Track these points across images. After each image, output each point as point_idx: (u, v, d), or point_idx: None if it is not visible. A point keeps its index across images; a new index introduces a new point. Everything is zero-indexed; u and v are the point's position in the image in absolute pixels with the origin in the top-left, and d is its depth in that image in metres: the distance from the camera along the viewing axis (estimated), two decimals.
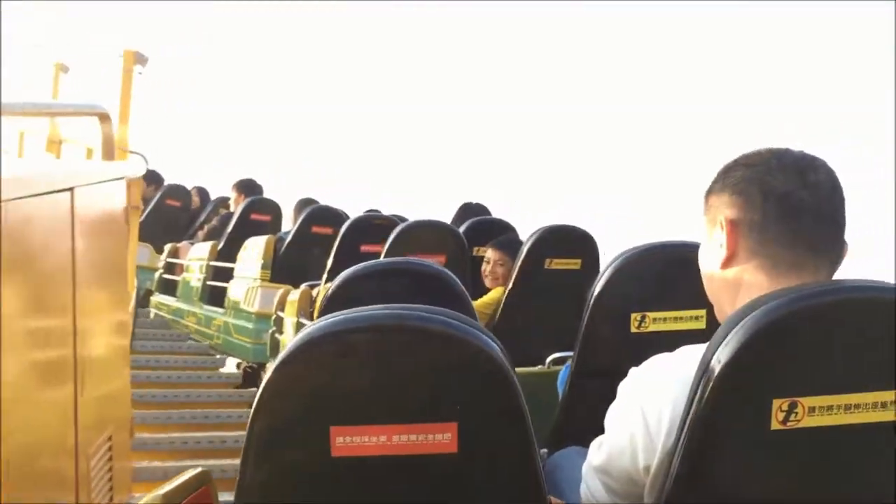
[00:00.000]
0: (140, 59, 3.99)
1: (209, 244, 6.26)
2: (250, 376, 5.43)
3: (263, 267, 5.41)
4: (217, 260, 6.06)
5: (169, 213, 7.55)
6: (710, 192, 1.26)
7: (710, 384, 1.03)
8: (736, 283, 1.20)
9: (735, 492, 1.06)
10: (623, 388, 1.29)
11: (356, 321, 1.08)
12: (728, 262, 1.21)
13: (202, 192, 8.18)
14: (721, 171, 1.25)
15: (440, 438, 1.06)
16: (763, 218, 1.16)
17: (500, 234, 4.22)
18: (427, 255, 3.42)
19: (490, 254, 3.80)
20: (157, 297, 6.86)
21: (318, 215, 5.38)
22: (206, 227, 7.21)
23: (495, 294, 3.76)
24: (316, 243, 5.16)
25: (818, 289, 1.04)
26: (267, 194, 6.78)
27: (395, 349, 1.08)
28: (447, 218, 5.02)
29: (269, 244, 5.43)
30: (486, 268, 3.84)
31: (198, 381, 5.00)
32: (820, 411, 1.02)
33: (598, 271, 3.79)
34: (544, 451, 2.00)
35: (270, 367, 1.10)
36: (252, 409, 1.09)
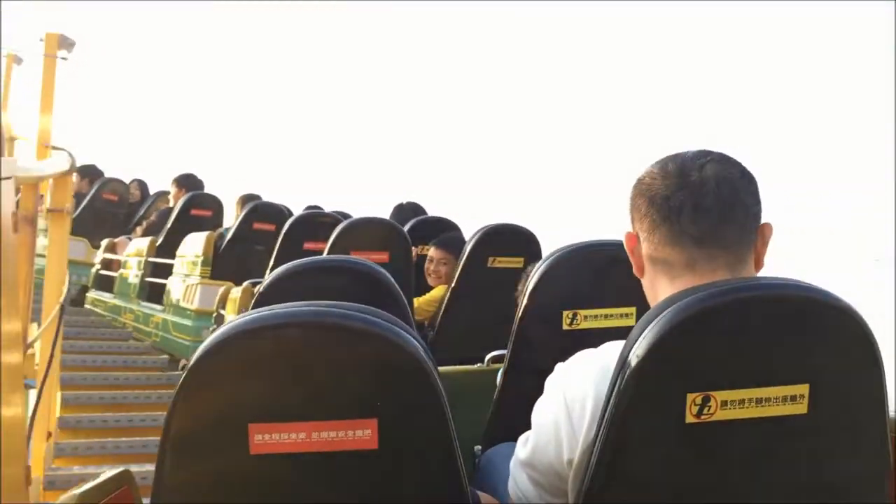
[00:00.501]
0: (65, 43, 3.62)
1: (148, 240, 6.13)
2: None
3: (203, 264, 5.31)
4: (156, 256, 5.94)
5: (105, 208, 7.36)
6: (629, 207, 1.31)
7: (627, 379, 1.05)
8: (650, 288, 1.26)
9: (652, 484, 1.08)
10: (549, 382, 1.31)
11: (272, 318, 1.07)
12: (640, 272, 1.28)
13: (142, 186, 8.01)
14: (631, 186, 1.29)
15: (360, 435, 1.06)
16: (651, 225, 1.21)
17: (444, 232, 4.22)
18: (370, 252, 3.40)
19: (433, 252, 3.80)
20: (93, 294, 6.70)
21: (261, 211, 5.31)
22: (144, 223, 7.08)
23: (438, 292, 3.76)
24: (258, 240, 5.09)
25: (729, 286, 1.06)
26: (208, 190, 6.68)
27: (313, 346, 1.07)
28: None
29: (209, 240, 5.33)
30: (429, 266, 3.84)
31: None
32: (732, 405, 1.04)
33: None
34: (478, 447, 2.01)
35: (188, 365, 1.08)
36: (169, 407, 1.07)
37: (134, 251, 6.25)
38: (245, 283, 4.28)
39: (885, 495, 1.11)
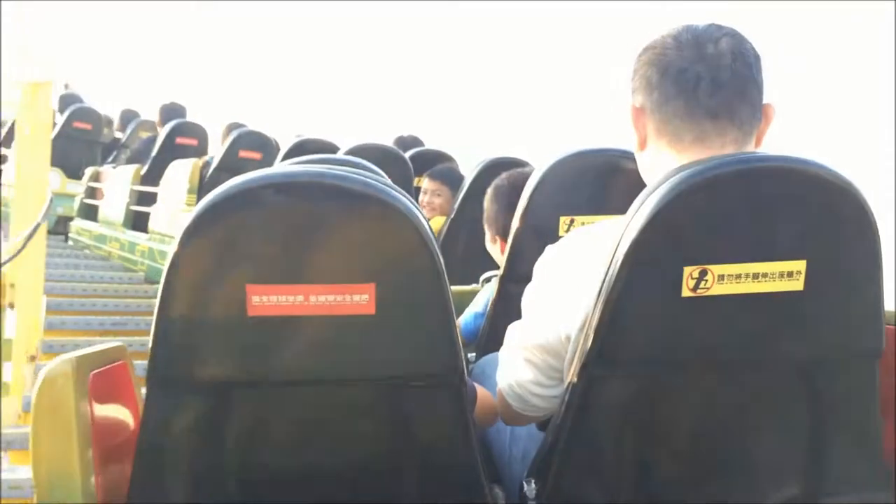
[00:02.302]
0: None
1: (132, 168, 6.08)
2: None
3: (189, 191, 5.27)
4: (141, 184, 5.90)
5: (78, 136, 7.26)
6: (630, 80, 1.28)
7: (624, 253, 1.05)
8: (652, 164, 1.24)
9: (647, 359, 1.09)
10: (539, 263, 1.31)
11: (269, 178, 1.07)
12: (642, 146, 1.25)
13: (126, 115, 7.92)
14: (635, 58, 1.27)
15: (357, 300, 1.06)
16: (662, 97, 1.18)
17: (441, 164, 4.20)
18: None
19: (426, 184, 3.80)
20: (77, 223, 6.65)
21: (246, 140, 5.29)
22: (128, 151, 7.02)
23: (435, 224, 3.75)
24: (244, 168, 5.07)
25: (726, 159, 1.06)
26: (192, 118, 6.62)
27: (311, 207, 1.06)
28: None
29: (195, 168, 5.29)
30: (423, 198, 3.83)
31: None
32: (729, 279, 1.04)
33: None
34: (472, 355, 2.02)
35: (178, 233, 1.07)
36: (162, 279, 1.07)
37: (118, 180, 6.21)
38: None
39: (874, 379, 1.12)
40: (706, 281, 1.04)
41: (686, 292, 1.04)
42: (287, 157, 3.95)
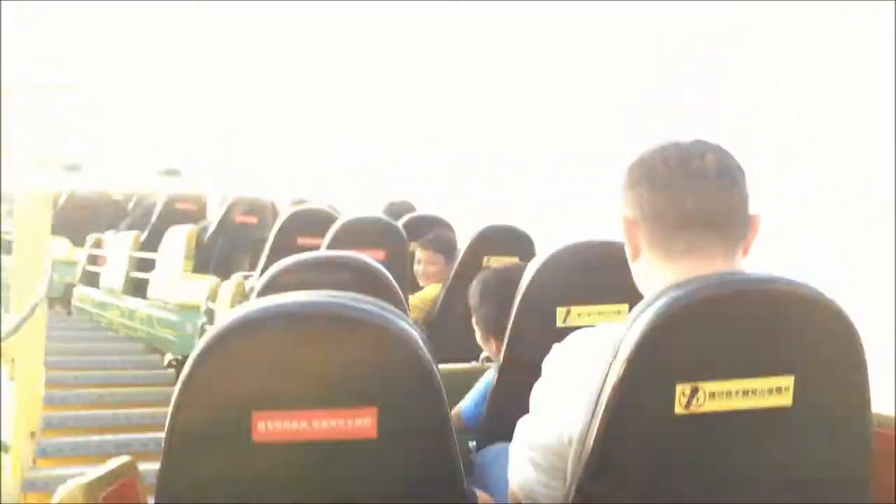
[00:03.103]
0: None
1: (132, 234, 6.15)
2: (178, 370, 5.35)
3: (186, 257, 5.33)
4: (140, 250, 5.95)
5: (87, 203, 7.35)
6: (621, 193, 1.33)
7: (618, 368, 1.09)
8: (645, 274, 1.28)
9: (642, 474, 1.11)
10: (546, 362, 1.34)
11: (271, 310, 1.11)
12: (635, 256, 1.30)
13: None
14: (623, 172, 1.32)
15: (360, 423, 1.09)
16: (652, 210, 1.23)
17: (436, 230, 4.25)
18: (367, 249, 3.43)
19: (419, 253, 3.84)
20: (80, 290, 6.70)
21: (243, 204, 5.35)
22: (129, 218, 7.10)
23: (431, 291, 3.79)
24: (240, 233, 5.13)
25: (719, 279, 1.10)
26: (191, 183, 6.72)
27: (312, 336, 1.10)
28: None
29: (191, 234, 5.36)
30: (417, 267, 3.87)
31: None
32: (719, 396, 1.07)
33: None
34: (473, 443, 2.04)
35: (189, 359, 1.11)
36: (172, 402, 1.10)
37: (119, 246, 6.26)
38: (235, 276, 4.31)
39: (867, 491, 1.14)
40: (698, 398, 1.07)
41: (679, 409, 1.07)
42: (283, 228, 4.00)
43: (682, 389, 1.07)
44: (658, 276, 1.23)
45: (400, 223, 4.12)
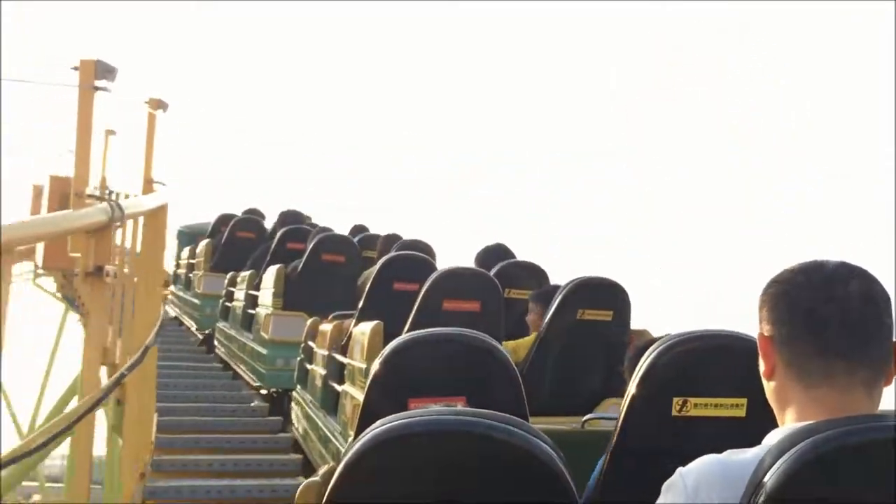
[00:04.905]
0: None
1: (249, 273, 6.44)
2: (274, 401, 5.56)
3: (275, 295, 5.56)
4: (255, 289, 6.21)
5: (240, 244, 7.62)
6: (759, 308, 1.33)
7: None
8: (778, 393, 1.27)
9: None
10: (669, 485, 1.34)
11: (421, 425, 1.16)
12: (769, 375, 1.28)
13: (281, 217, 8.26)
14: (763, 288, 1.32)
15: None
16: (791, 333, 1.22)
17: (530, 274, 4.29)
18: (462, 301, 3.49)
19: (531, 305, 3.87)
20: (219, 324, 7.14)
21: (329, 243, 5.51)
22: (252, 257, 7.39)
23: (530, 338, 3.81)
24: (328, 271, 5.30)
25: (865, 423, 1.09)
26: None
27: (458, 452, 1.15)
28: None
29: (279, 273, 5.58)
30: (529, 316, 3.89)
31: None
32: None
33: (628, 323, 3.84)
34: None
35: (340, 466, 1.17)
36: (326, 497, 1.16)
37: (240, 284, 6.58)
38: (333, 317, 4.42)
39: None
40: None
41: None
42: (381, 274, 4.08)
43: None
44: (793, 401, 1.22)
45: (496, 268, 4.18)
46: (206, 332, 7.65)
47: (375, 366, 1.91)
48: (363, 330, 3.55)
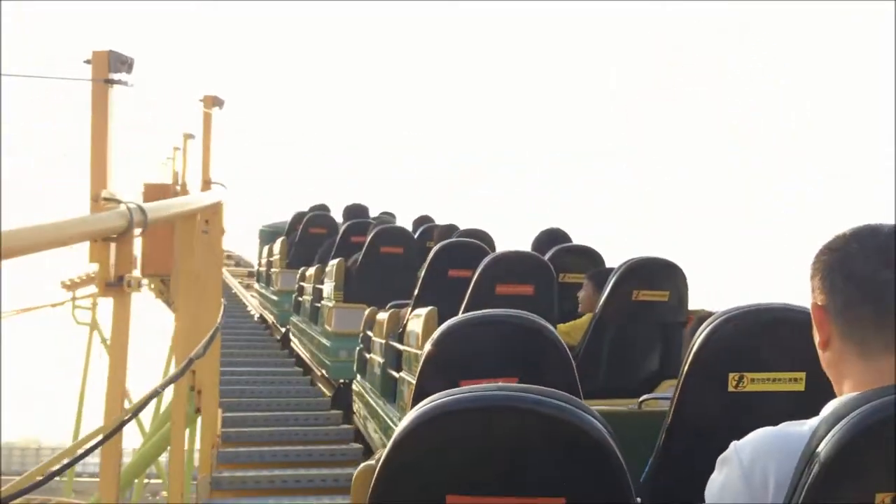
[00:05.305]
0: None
1: (316, 267, 6.59)
2: (340, 392, 5.68)
3: (336, 288, 5.68)
4: (321, 282, 6.34)
5: (314, 240, 7.80)
6: (811, 277, 1.30)
7: (813, 477, 1.07)
8: (835, 364, 1.24)
9: None
10: (723, 459, 1.32)
11: (470, 401, 1.17)
12: (824, 346, 1.25)
13: (346, 212, 8.39)
14: (815, 256, 1.29)
15: None
16: (847, 302, 1.19)
17: (586, 259, 4.26)
18: (515, 285, 3.49)
19: (584, 283, 3.85)
20: (293, 318, 7.36)
21: (386, 236, 5.58)
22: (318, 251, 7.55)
23: (584, 320, 3.79)
24: (387, 263, 5.39)
25: None
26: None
27: (508, 428, 1.15)
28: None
29: (339, 266, 5.71)
30: (581, 293, 3.88)
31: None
32: None
33: (685, 303, 3.78)
34: (639, 499, 2.03)
35: (388, 444, 1.19)
36: (372, 484, 1.18)
37: (308, 279, 6.75)
38: (390, 306, 4.47)
39: None
40: None
41: None
42: (435, 261, 4.11)
43: (881, 498, 1.05)
44: (851, 371, 1.19)
45: (549, 254, 4.16)
46: (285, 328, 7.86)
47: (427, 346, 1.93)
48: (418, 316, 3.58)
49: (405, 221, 7.09)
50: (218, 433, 4.05)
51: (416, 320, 3.62)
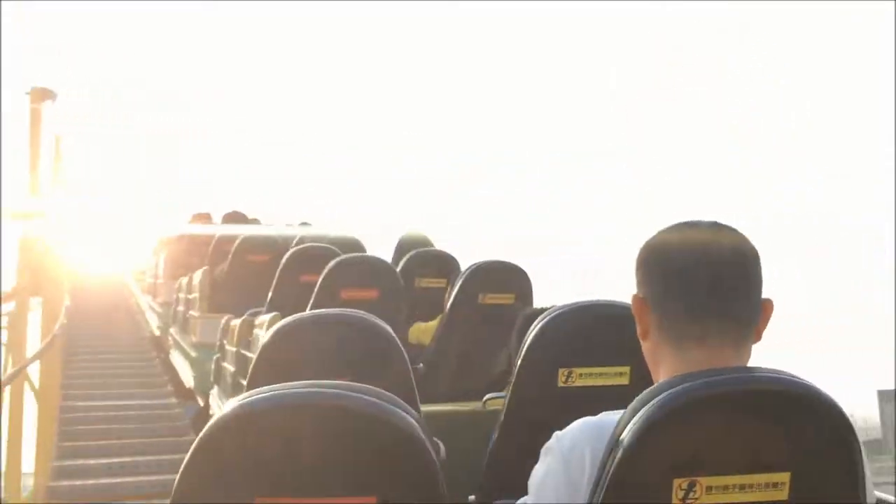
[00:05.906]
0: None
1: (188, 277, 6.35)
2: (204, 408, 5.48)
3: (201, 298, 5.47)
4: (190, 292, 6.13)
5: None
6: (635, 270, 1.33)
7: (617, 461, 1.09)
8: (652, 354, 1.28)
9: None
10: (546, 448, 1.34)
11: (272, 400, 1.12)
12: (644, 336, 1.29)
13: None
14: (640, 249, 1.32)
15: None
16: (664, 294, 1.23)
17: (443, 265, 4.27)
18: (359, 289, 3.47)
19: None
20: (171, 328, 6.99)
21: (251, 244, 5.44)
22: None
23: (435, 323, 3.80)
24: (252, 271, 5.23)
25: (721, 376, 1.11)
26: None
27: (313, 426, 1.12)
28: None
29: (204, 276, 5.52)
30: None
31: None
32: (717, 490, 1.08)
33: (531, 304, 3.86)
34: (472, 497, 2.04)
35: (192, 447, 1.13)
36: (175, 486, 1.11)
37: (182, 289, 6.50)
38: (246, 315, 4.34)
39: None
40: (695, 492, 1.08)
41: (675, 502, 1.08)
42: (286, 267, 4.01)
43: (679, 483, 1.08)
44: (665, 360, 1.23)
45: (405, 258, 4.15)
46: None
47: (259, 347, 1.87)
48: (262, 322, 3.49)
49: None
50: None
51: (260, 326, 3.53)
